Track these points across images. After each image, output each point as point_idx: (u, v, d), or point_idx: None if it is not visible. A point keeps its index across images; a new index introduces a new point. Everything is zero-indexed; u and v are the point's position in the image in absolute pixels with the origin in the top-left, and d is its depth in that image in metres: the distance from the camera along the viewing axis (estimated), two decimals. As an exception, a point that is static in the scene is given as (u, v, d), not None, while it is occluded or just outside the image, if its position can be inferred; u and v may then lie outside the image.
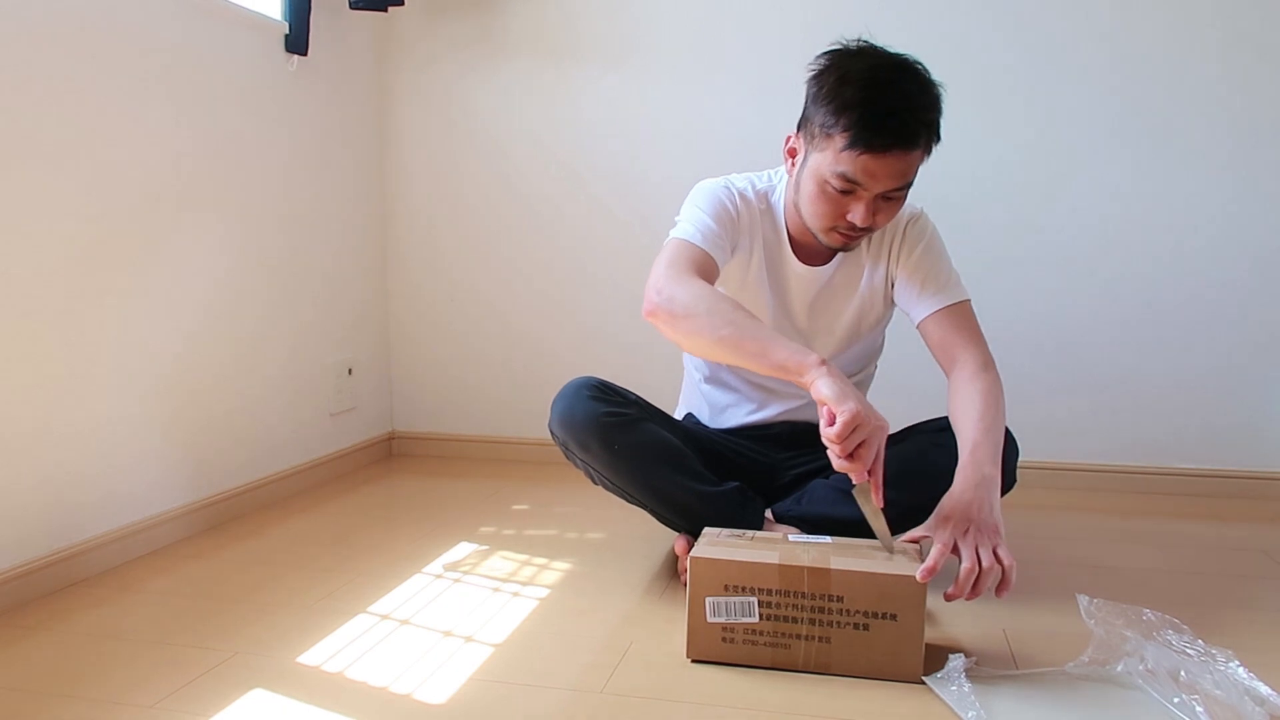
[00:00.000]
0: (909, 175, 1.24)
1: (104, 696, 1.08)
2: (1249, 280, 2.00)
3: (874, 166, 1.21)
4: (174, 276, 1.70)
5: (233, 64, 1.84)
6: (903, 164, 1.22)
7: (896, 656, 1.08)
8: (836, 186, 1.24)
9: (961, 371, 1.34)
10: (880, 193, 1.24)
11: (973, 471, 1.20)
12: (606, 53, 2.25)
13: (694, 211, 1.37)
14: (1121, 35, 2.00)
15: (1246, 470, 2.04)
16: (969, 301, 1.40)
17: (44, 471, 1.44)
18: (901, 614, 1.07)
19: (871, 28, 2.17)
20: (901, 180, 1.24)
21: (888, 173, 1.21)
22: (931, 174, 2.08)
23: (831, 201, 1.26)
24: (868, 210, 1.24)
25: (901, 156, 1.21)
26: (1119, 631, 1.12)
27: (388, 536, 1.72)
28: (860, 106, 1.19)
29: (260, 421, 1.95)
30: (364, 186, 2.34)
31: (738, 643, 1.12)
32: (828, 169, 1.24)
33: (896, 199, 1.27)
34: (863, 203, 1.24)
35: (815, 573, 1.09)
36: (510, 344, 2.40)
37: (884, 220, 1.29)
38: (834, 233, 1.30)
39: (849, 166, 1.21)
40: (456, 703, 1.06)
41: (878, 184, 1.22)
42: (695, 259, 1.28)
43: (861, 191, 1.23)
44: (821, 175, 1.25)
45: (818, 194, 1.27)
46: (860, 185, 1.23)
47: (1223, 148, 1.98)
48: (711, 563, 1.11)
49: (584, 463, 1.42)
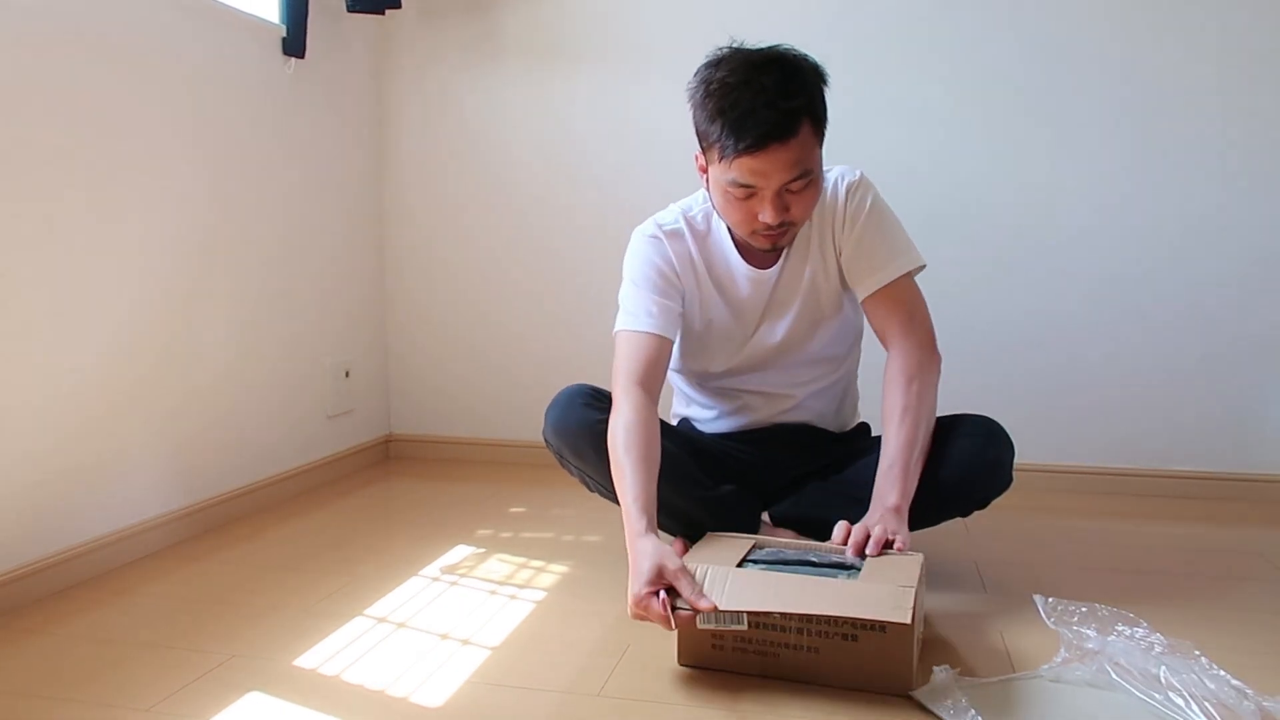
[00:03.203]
0: (803, 163, 1.23)
1: (100, 700, 1.08)
2: (1243, 283, 2.00)
3: (758, 166, 1.21)
4: (170, 277, 1.69)
5: (230, 67, 1.84)
6: (787, 155, 1.21)
7: (885, 668, 1.06)
8: (736, 194, 1.25)
9: (890, 366, 1.36)
10: (779, 188, 1.24)
11: (878, 504, 1.26)
12: (603, 56, 2.25)
13: (631, 291, 1.40)
14: (1119, 37, 2.01)
15: (1240, 472, 2.04)
16: (909, 273, 1.39)
17: (40, 475, 1.44)
18: (890, 625, 1.05)
19: (865, 31, 2.18)
20: (795, 170, 1.22)
21: (775, 167, 1.21)
22: (930, 174, 2.11)
23: (740, 208, 1.27)
24: (775, 207, 1.24)
25: (781, 148, 1.20)
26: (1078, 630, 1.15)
27: (385, 539, 1.72)
28: (724, 114, 1.21)
29: (257, 424, 1.95)
30: (361, 189, 2.34)
31: (727, 650, 1.12)
32: (723, 179, 1.25)
33: (803, 189, 1.26)
34: (766, 201, 1.24)
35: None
36: (507, 346, 2.40)
37: (800, 212, 1.28)
38: (758, 235, 1.31)
39: (737, 172, 1.23)
40: (453, 705, 1.06)
41: (771, 181, 1.23)
42: (642, 357, 1.33)
43: (761, 191, 1.24)
44: (722, 185, 1.26)
45: (726, 203, 1.29)
46: (755, 186, 1.23)
47: (1218, 150, 1.99)
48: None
49: (579, 470, 1.43)
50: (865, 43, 2.10)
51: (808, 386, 1.50)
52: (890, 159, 2.06)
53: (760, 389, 1.50)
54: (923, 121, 2.10)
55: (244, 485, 1.90)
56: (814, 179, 1.27)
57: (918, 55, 2.09)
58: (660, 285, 1.39)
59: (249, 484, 1.91)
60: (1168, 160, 2.01)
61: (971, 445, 1.35)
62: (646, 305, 1.38)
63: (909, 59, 2.10)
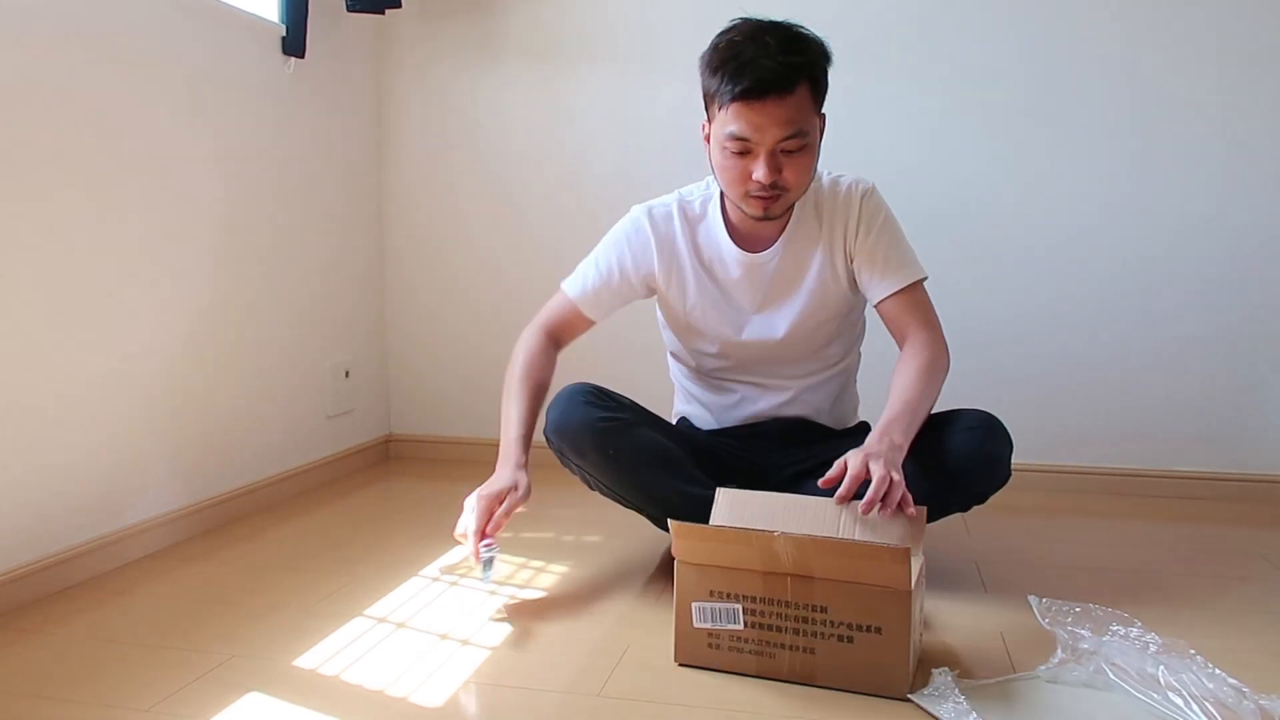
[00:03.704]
0: (798, 123, 1.26)
1: (100, 700, 1.08)
2: (1243, 283, 2.00)
3: (755, 117, 1.25)
4: (170, 278, 1.70)
5: (230, 66, 1.84)
6: (783, 110, 1.25)
7: (881, 671, 1.06)
8: (733, 149, 1.29)
9: (909, 347, 1.39)
10: (774, 146, 1.27)
11: (880, 436, 1.24)
12: (603, 55, 2.25)
13: (590, 262, 1.52)
14: (1119, 39, 2.01)
15: (1240, 473, 2.04)
16: (923, 280, 1.44)
17: (40, 475, 1.44)
18: (887, 627, 1.05)
19: (866, 30, 2.18)
20: (790, 128, 1.26)
21: (771, 121, 1.25)
22: (930, 175, 2.11)
23: (735, 165, 1.31)
24: (769, 166, 1.28)
25: (779, 102, 1.24)
26: (1074, 630, 1.15)
27: (384, 539, 1.72)
28: (726, 64, 1.27)
29: (257, 424, 1.95)
30: (361, 188, 2.34)
31: (723, 649, 1.12)
32: (721, 133, 1.29)
33: (797, 153, 1.29)
34: (760, 159, 1.27)
35: (799, 581, 1.08)
36: (507, 346, 2.36)
37: (793, 177, 1.30)
38: (750, 198, 1.33)
39: (734, 123, 1.27)
40: (453, 706, 1.06)
41: (767, 135, 1.26)
42: (562, 318, 1.53)
43: (756, 147, 1.28)
44: (720, 141, 1.31)
45: (722, 161, 1.32)
46: (751, 140, 1.27)
47: (1219, 150, 1.99)
48: (698, 568, 1.11)
49: (579, 468, 1.43)
50: (864, 44, 2.10)
51: (805, 380, 1.52)
52: (889, 158, 2.07)
53: (757, 381, 1.52)
54: (922, 122, 2.10)
55: (244, 485, 1.90)
56: (809, 145, 1.30)
57: (916, 56, 2.09)
58: (612, 270, 1.48)
59: (249, 484, 1.91)
60: (1168, 160, 2.01)
61: (970, 439, 1.35)
62: (589, 280, 1.50)
63: (907, 60, 2.10)
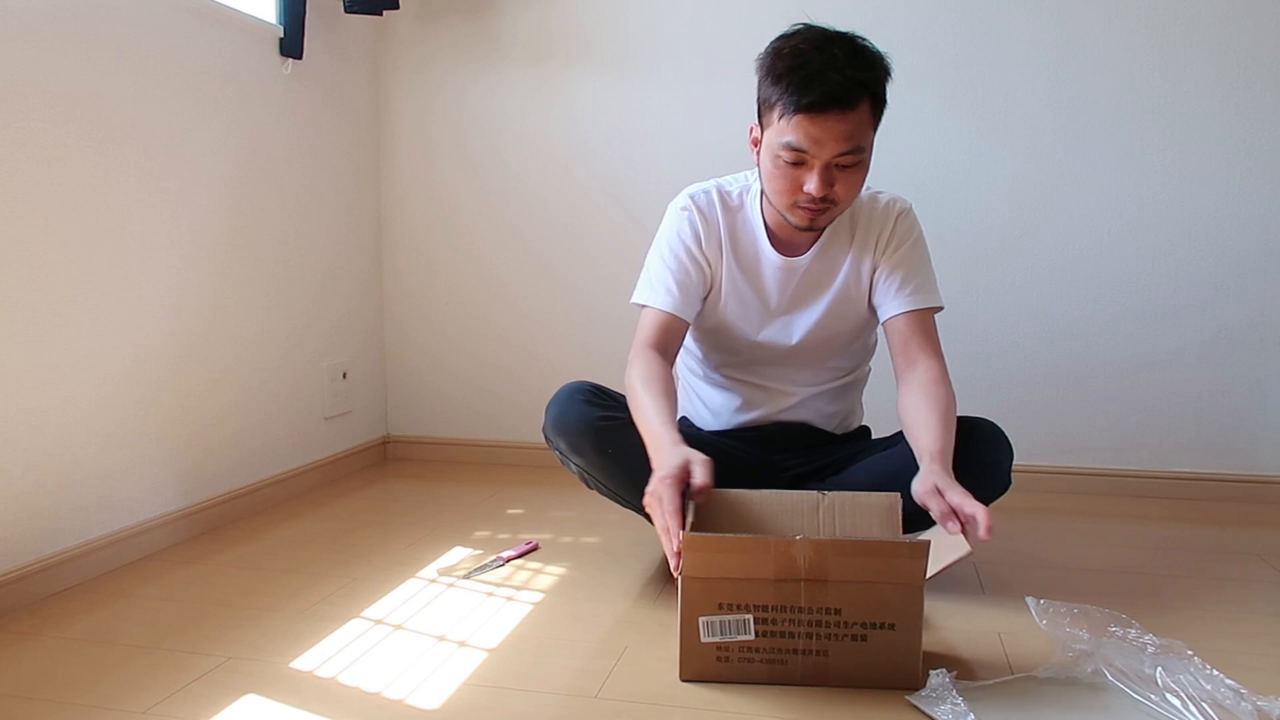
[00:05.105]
0: (855, 139, 1.25)
1: (97, 702, 1.07)
2: (1243, 285, 2.01)
3: (815, 130, 1.23)
4: (167, 279, 1.69)
5: (227, 67, 1.83)
6: (844, 125, 1.23)
7: (895, 665, 1.06)
8: (787, 159, 1.27)
9: (923, 376, 1.36)
10: (830, 160, 1.25)
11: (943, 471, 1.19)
12: (601, 57, 2.25)
13: (656, 265, 1.44)
14: (1118, 41, 2.01)
15: (1239, 474, 2.04)
16: (938, 310, 1.43)
17: (36, 476, 1.44)
18: (900, 622, 1.05)
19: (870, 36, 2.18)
20: (847, 143, 1.24)
21: (830, 135, 1.23)
22: (930, 177, 2.11)
23: (786, 175, 1.29)
24: (822, 179, 1.26)
25: (840, 117, 1.22)
26: (1071, 631, 1.15)
27: (382, 541, 1.72)
28: (791, 73, 1.23)
29: (254, 425, 1.95)
30: (359, 190, 2.34)
31: (733, 661, 1.09)
32: (777, 142, 1.27)
33: (851, 167, 1.28)
34: (814, 171, 1.26)
35: (813, 585, 1.06)
36: (505, 348, 2.40)
37: (844, 192, 1.29)
38: (797, 209, 1.32)
39: (793, 134, 1.24)
40: (450, 708, 1.06)
41: (824, 149, 1.24)
42: (659, 332, 1.40)
43: (811, 160, 1.26)
44: (774, 150, 1.28)
45: (773, 170, 1.30)
46: (807, 152, 1.25)
47: (1219, 153, 1.99)
48: (705, 582, 1.06)
49: (578, 466, 1.43)
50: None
51: (811, 388, 1.51)
52: (888, 158, 2.07)
53: (763, 383, 1.52)
54: (922, 122, 2.10)
55: (241, 487, 1.90)
56: (863, 161, 1.29)
57: (918, 64, 2.09)
58: (684, 262, 1.43)
59: (246, 486, 1.91)
60: (1168, 163, 2.02)
61: (970, 447, 1.35)
62: (666, 283, 1.42)
63: (916, 72, 2.10)
